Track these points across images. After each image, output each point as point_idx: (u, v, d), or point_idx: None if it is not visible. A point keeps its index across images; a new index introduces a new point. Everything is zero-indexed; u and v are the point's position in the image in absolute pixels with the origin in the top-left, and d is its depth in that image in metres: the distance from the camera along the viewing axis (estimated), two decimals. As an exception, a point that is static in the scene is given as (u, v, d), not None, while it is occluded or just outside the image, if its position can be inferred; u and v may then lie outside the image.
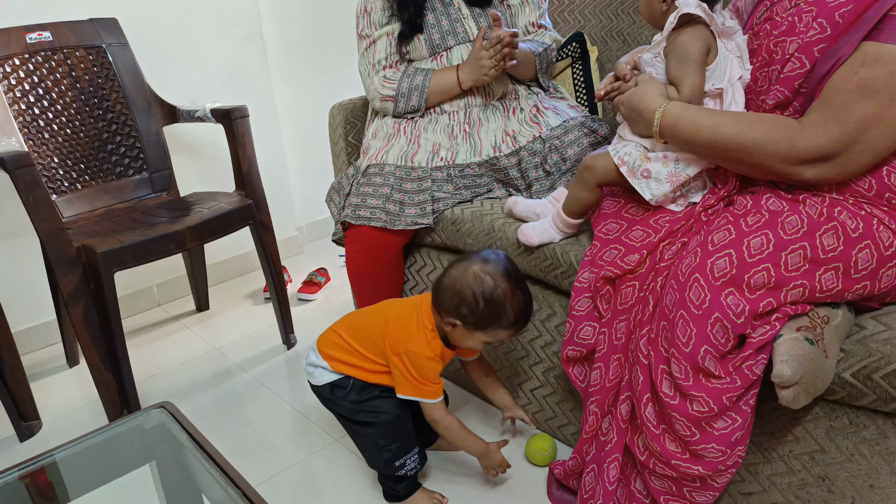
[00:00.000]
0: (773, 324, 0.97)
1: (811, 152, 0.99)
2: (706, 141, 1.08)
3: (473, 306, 1.21)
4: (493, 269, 1.23)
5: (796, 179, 1.04)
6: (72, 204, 1.90)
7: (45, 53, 1.90)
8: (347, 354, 1.34)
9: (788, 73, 1.08)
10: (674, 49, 1.15)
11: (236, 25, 2.43)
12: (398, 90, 1.71)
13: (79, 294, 1.62)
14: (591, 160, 1.28)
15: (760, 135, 1.03)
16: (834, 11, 1.02)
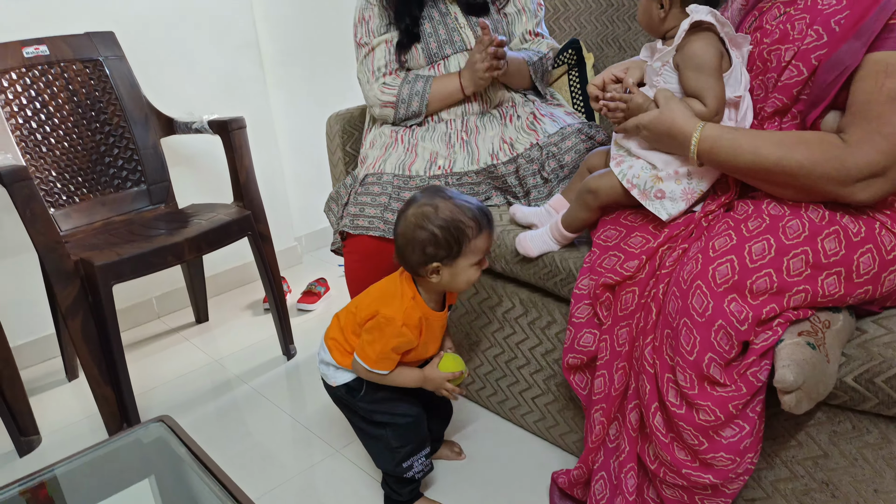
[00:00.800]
0: (775, 329, 0.97)
1: (863, 169, 0.95)
2: (746, 165, 1.04)
3: (436, 240, 1.19)
4: (424, 200, 1.22)
5: (849, 201, 1.00)
6: (69, 217, 1.90)
7: (42, 67, 1.91)
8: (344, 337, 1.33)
9: (786, 81, 1.08)
10: (688, 59, 1.12)
11: (232, 35, 2.43)
12: (399, 96, 1.71)
13: (77, 307, 1.62)
14: (594, 183, 1.26)
15: (805, 157, 0.98)
16: (829, 18, 1.02)
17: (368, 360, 1.25)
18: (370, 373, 1.27)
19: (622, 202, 1.23)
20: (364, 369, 1.27)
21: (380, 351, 1.24)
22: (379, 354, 1.24)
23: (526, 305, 1.52)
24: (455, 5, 1.75)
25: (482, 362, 1.67)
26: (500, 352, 1.61)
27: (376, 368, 1.26)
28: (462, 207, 1.20)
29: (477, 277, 1.26)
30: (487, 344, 1.64)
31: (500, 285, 1.57)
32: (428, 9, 1.73)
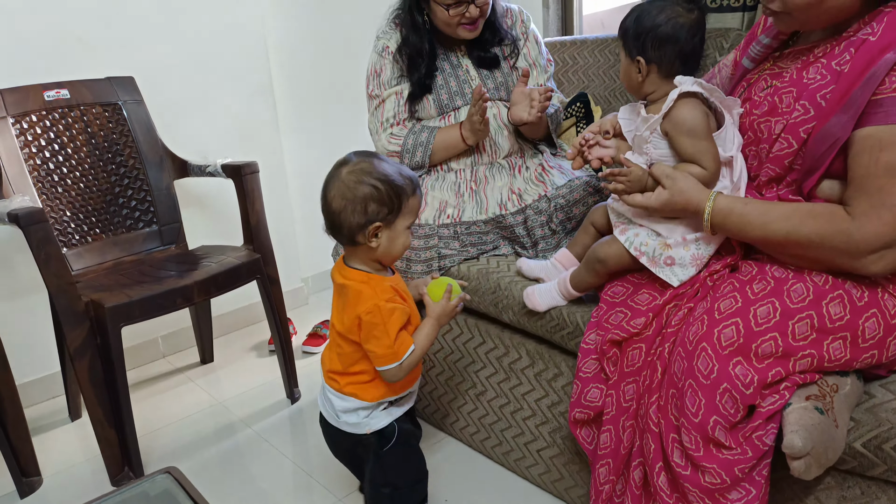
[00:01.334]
0: (781, 393, 0.97)
1: (871, 242, 0.97)
2: (756, 237, 1.07)
3: (379, 195, 1.11)
4: (357, 160, 1.16)
5: (864, 274, 1.01)
6: (81, 257, 1.92)
7: (62, 110, 1.95)
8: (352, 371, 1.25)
9: (778, 153, 1.11)
10: (679, 125, 1.15)
11: (247, 81, 2.49)
12: (403, 146, 1.75)
13: (85, 349, 1.63)
14: (602, 252, 1.26)
15: (814, 231, 1.01)
16: (815, 93, 1.06)
17: (395, 356, 1.15)
18: (403, 366, 1.16)
19: (631, 268, 1.25)
20: (398, 368, 1.16)
21: (393, 339, 1.14)
22: (396, 343, 1.15)
23: (532, 357, 1.52)
24: (466, 58, 1.80)
25: (487, 412, 1.66)
26: (505, 402, 1.61)
27: (404, 355, 1.15)
28: (392, 166, 1.16)
29: (409, 243, 1.20)
30: (493, 394, 1.63)
31: (508, 336, 1.58)
32: (440, 61, 1.78)
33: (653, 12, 1.18)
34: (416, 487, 1.34)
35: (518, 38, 1.82)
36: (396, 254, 1.20)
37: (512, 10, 1.83)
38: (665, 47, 1.19)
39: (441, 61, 1.78)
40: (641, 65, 1.21)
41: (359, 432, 1.27)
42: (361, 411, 1.26)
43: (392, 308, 1.15)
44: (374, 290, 1.17)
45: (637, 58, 1.21)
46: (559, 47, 2.15)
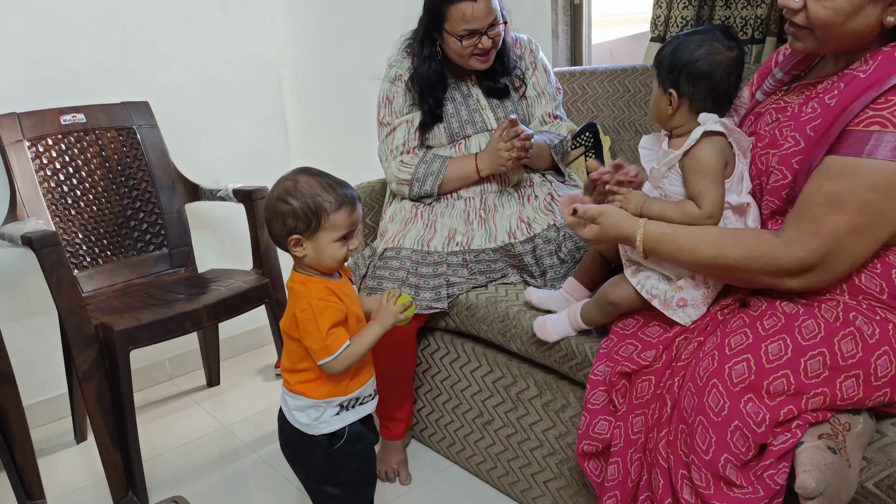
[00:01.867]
0: (794, 431, 0.96)
1: (792, 266, 1.03)
2: (687, 261, 1.13)
3: (294, 212, 1.19)
4: (288, 176, 1.24)
5: (780, 289, 1.08)
6: (92, 279, 1.93)
7: (77, 134, 1.98)
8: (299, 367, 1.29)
9: (774, 185, 1.13)
10: (692, 162, 1.14)
11: (259, 105, 2.52)
12: (413, 175, 1.76)
13: (94, 372, 1.63)
14: (613, 294, 1.26)
15: (740, 255, 1.07)
16: (805, 125, 1.08)
17: (327, 351, 1.20)
18: (338, 360, 1.21)
19: (640, 308, 1.25)
20: (334, 361, 1.21)
21: (324, 334, 1.20)
22: (327, 338, 1.20)
23: (540, 387, 1.51)
24: (477, 87, 1.81)
25: (494, 441, 1.65)
26: (512, 432, 1.60)
27: (337, 349, 1.20)
28: (323, 184, 1.22)
29: (344, 255, 1.25)
30: (500, 423, 1.62)
31: (515, 365, 1.57)
32: (451, 90, 1.80)
33: (691, 46, 1.15)
34: (364, 490, 1.35)
35: (527, 68, 1.84)
36: (328, 263, 1.26)
37: (521, 40, 1.85)
38: (699, 83, 1.15)
39: (452, 90, 1.80)
40: (673, 97, 1.18)
41: (309, 433, 1.30)
42: (311, 410, 1.29)
43: (324, 306, 1.21)
44: (308, 290, 1.24)
45: (669, 90, 1.18)
46: (568, 77, 2.17)
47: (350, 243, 1.26)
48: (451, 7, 1.62)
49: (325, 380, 1.27)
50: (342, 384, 1.29)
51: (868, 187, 0.97)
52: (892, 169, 0.96)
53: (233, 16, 2.40)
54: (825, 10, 1.02)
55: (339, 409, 1.30)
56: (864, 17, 1.02)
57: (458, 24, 1.63)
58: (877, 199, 0.98)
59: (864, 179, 0.98)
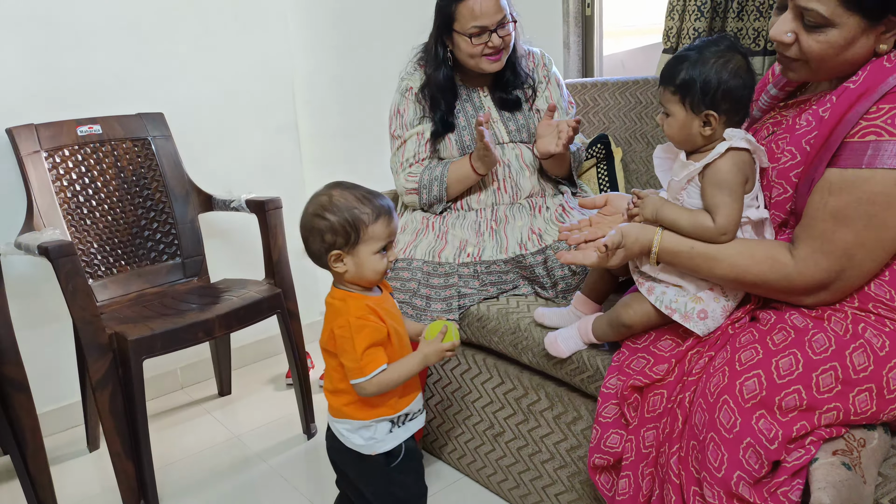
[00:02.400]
0: (807, 448, 0.95)
1: (808, 285, 1.05)
2: (704, 276, 1.14)
3: (332, 227, 1.18)
4: (322, 191, 1.23)
5: (798, 305, 1.10)
6: (106, 288, 1.95)
7: (94, 145, 2.01)
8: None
9: (777, 199, 1.14)
10: (712, 175, 1.12)
11: (273, 117, 2.54)
12: (420, 182, 1.77)
13: (107, 380, 1.64)
14: (626, 317, 1.24)
15: (758, 277, 1.09)
16: (801, 139, 1.08)
17: (361, 372, 1.18)
18: (371, 383, 1.19)
19: (655, 325, 1.23)
20: (367, 383, 1.19)
21: (361, 354, 1.17)
22: (362, 358, 1.18)
23: (552, 399, 1.51)
24: (489, 99, 1.82)
25: (505, 453, 1.65)
26: (523, 444, 1.59)
27: (371, 371, 1.18)
28: (358, 196, 1.21)
29: (385, 267, 1.23)
30: (511, 435, 1.62)
31: (527, 377, 1.57)
32: (462, 102, 1.81)
33: (715, 61, 1.11)
34: (420, 502, 1.34)
35: (540, 81, 1.84)
36: (370, 276, 1.24)
37: (534, 53, 1.86)
38: (737, 100, 1.12)
39: (464, 102, 1.81)
40: (713, 119, 1.12)
41: (366, 453, 1.28)
42: (363, 431, 1.27)
43: (362, 325, 1.19)
44: (348, 307, 1.22)
45: (708, 112, 1.12)
46: (580, 89, 2.18)
47: (390, 254, 1.25)
48: (460, 5, 1.65)
49: (371, 399, 1.25)
50: (390, 402, 1.26)
51: (869, 201, 0.98)
52: (889, 178, 0.97)
53: (247, 28, 2.43)
54: (818, 44, 1.03)
55: (391, 425, 1.28)
56: (857, 48, 1.03)
57: (468, 21, 1.64)
58: (878, 211, 0.98)
59: (865, 193, 0.98)
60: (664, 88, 1.16)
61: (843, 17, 0.99)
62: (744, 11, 1.94)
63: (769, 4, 1.85)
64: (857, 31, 1.00)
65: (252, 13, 2.44)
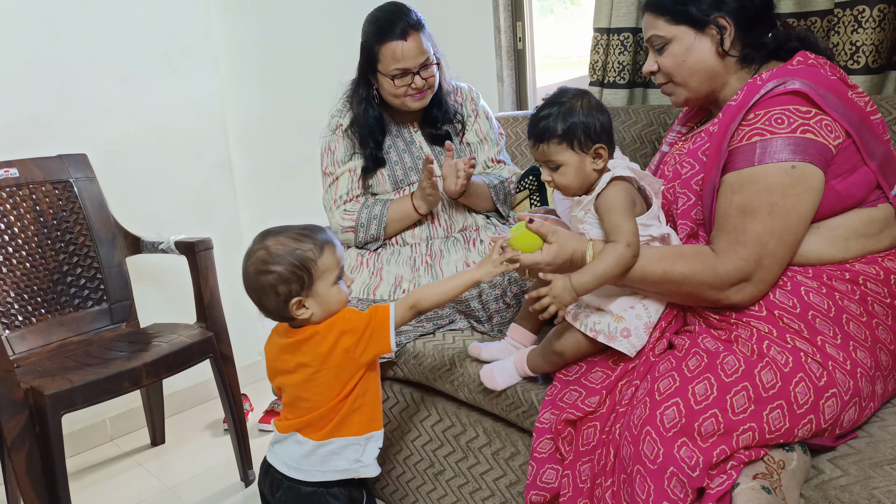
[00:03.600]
0: (729, 472, 0.97)
1: (732, 275, 1.09)
2: (636, 279, 1.15)
3: (283, 278, 1.15)
4: (254, 247, 1.20)
5: (727, 304, 1.13)
6: (24, 339, 1.85)
7: (10, 189, 1.92)
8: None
9: (682, 208, 1.22)
10: (603, 202, 1.18)
11: (204, 155, 2.50)
12: (357, 220, 1.75)
13: (23, 440, 1.55)
14: (557, 345, 1.26)
15: (686, 268, 1.12)
16: (696, 151, 1.21)
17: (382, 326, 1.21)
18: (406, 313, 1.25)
19: (587, 352, 1.25)
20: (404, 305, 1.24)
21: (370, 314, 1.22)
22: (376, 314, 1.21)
23: (490, 435, 1.49)
24: (419, 135, 1.83)
25: (446, 492, 1.62)
26: (464, 482, 1.57)
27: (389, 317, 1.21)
28: (294, 236, 1.19)
29: (346, 294, 1.23)
30: (451, 474, 1.59)
31: (465, 413, 1.55)
32: (393, 137, 1.81)
33: (580, 104, 1.19)
34: None
35: (469, 115, 1.86)
36: (336, 308, 1.23)
37: (462, 89, 1.88)
38: (610, 129, 1.22)
39: (394, 138, 1.82)
40: (603, 154, 1.19)
41: (347, 477, 1.24)
42: (351, 451, 1.23)
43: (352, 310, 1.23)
44: (334, 317, 1.22)
45: (597, 147, 1.19)
46: (513, 121, 2.21)
47: (346, 279, 1.24)
48: (382, 47, 1.65)
49: (367, 410, 1.24)
50: (378, 418, 1.27)
51: (766, 191, 1.08)
52: (780, 170, 1.08)
53: (175, 65, 2.39)
54: (668, 58, 1.24)
55: (378, 451, 1.26)
56: (699, 52, 1.21)
57: (390, 63, 1.66)
58: (778, 199, 1.08)
59: (761, 185, 1.09)
60: (547, 144, 1.20)
61: (674, 31, 1.21)
62: (663, 45, 2.01)
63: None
64: (691, 37, 1.21)
65: (180, 52, 2.40)
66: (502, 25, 2.45)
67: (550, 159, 1.21)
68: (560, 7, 3.20)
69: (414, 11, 1.69)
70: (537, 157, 1.24)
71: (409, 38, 1.64)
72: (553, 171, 1.22)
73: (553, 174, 1.22)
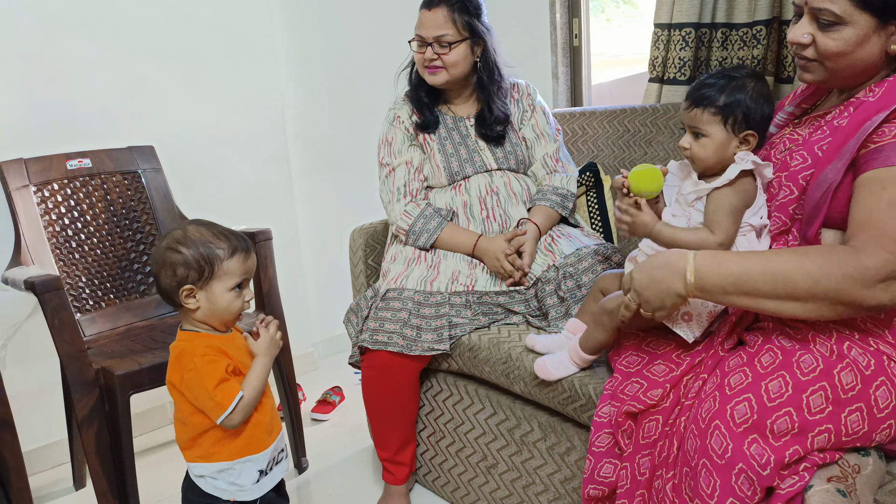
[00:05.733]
0: (801, 474, 0.94)
1: (881, 269, 0.96)
2: (759, 276, 1.01)
3: (185, 261, 1.17)
4: (177, 227, 1.22)
5: (871, 305, 0.98)
6: (94, 322, 1.93)
7: (83, 178, 2.01)
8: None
9: (782, 201, 1.15)
10: (720, 197, 1.16)
11: (263, 149, 2.55)
12: (411, 227, 1.76)
13: (93, 417, 1.61)
14: (610, 304, 1.26)
15: (823, 259, 0.99)
16: (813, 145, 1.13)
17: (220, 408, 1.15)
18: (235, 412, 1.16)
19: (638, 322, 1.23)
20: (231, 415, 1.16)
21: (213, 392, 1.14)
22: (216, 395, 1.14)
23: (545, 429, 1.49)
24: (475, 128, 1.83)
25: (498, 486, 1.62)
26: (517, 476, 1.57)
27: (228, 405, 1.15)
28: (215, 232, 1.21)
29: (240, 307, 1.23)
30: (504, 467, 1.59)
31: (519, 407, 1.55)
32: (449, 129, 1.82)
33: (752, 87, 1.17)
34: None
35: (525, 110, 1.86)
36: (222, 315, 1.23)
37: (519, 85, 1.88)
38: (768, 124, 1.21)
39: (450, 130, 1.83)
40: (751, 138, 1.18)
41: (223, 497, 1.23)
42: (226, 474, 1.22)
43: (207, 360, 1.17)
44: (193, 347, 1.20)
45: (748, 132, 1.17)
46: (569, 118, 2.20)
47: (245, 293, 1.24)
48: (419, 13, 1.73)
49: (235, 434, 1.22)
50: (256, 441, 1.24)
51: None
52: None
53: (238, 63, 2.45)
54: (834, 41, 1.08)
55: (259, 475, 1.25)
56: (870, 46, 1.07)
57: (415, 28, 1.73)
58: None
59: None
60: (702, 110, 1.17)
61: (854, 16, 1.05)
62: (728, 41, 1.97)
63: (752, 35, 1.88)
64: (869, 29, 1.05)
65: (243, 48, 2.46)
66: (558, 22, 2.44)
67: (699, 127, 1.18)
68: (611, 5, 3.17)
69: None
70: (686, 120, 1.20)
71: (434, 9, 1.70)
72: (695, 139, 1.19)
73: (694, 142, 1.19)
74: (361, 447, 2.12)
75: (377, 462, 1.99)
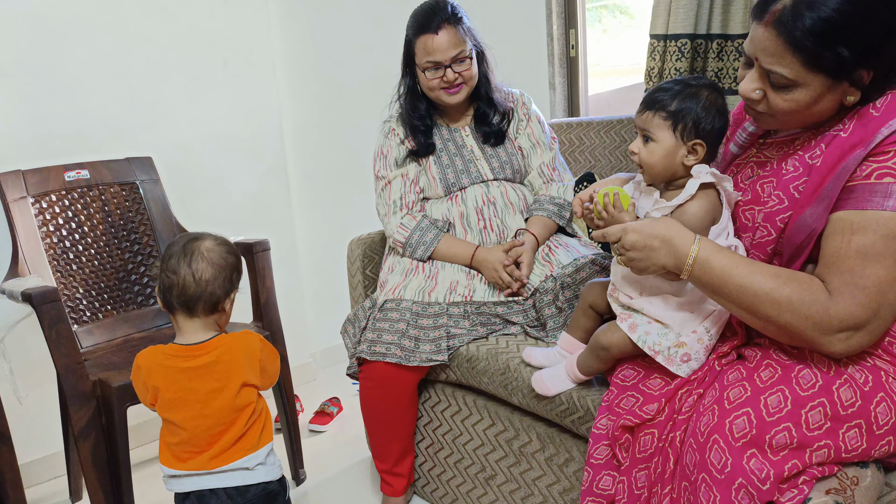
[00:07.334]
0: (800, 487, 0.94)
1: (844, 320, 0.97)
2: (736, 286, 1.02)
3: (239, 264, 1.25)
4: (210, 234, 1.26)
5: (825, 351, 1.00)
6: (91, 334, 1.93)
7: (81, 190, 2.01)
8: None
9: (759, 240, 1.13)
10: (682, 216, 1.15)
11: (262, 159, 2.56)
12: (408, 240, 1.76)
13: (89, 430, 1.61)
14: (605, 340, 1.25)
15: (795, 293, 0.99)
16: (789, 184, 1.09)
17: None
18: None
19: (632, 354, 1.24)
20: None
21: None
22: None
23: (543, 441, 1.49)
24: (471, 138, 1.84)
25: (497, 497, 1.61)
26: (515, 487, 1.56)
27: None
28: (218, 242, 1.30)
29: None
30: (503, 479, 1.59)
31: (517, 418, 1.55)
32: (444, 140, 1.82)
33: (706, 96, 1.16)
34: None
35: (521, 119, 1.86)
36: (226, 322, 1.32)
37: (513, 94, 1.89)
38: (720, 133, 1.18)
39: (446, 141, 1.83)
40: (699, 147, 1.16)
41: (274, 477, 1.29)
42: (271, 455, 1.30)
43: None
44: (249, 337, 1.27)
45: (695, 142, 1.16)
46: (566, 128, 2.21)
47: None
48: (416, 41, 1.70)
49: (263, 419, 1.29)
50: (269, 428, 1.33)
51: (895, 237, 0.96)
52: None
53: (236, 74, 2.46)
54: (786, 102, 1.04)
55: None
56: (825, 103, 1.04)
57: (423, 56, 1.70)
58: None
59: (890, 230, 0.96)
60: (653, 113, 1.17)
61: (807, 78, 1.00)
62: (723, 52, 1.98)
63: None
64: (823, 88, 1.01)
65: (241, 60, 2.47)
66: (555, 33, 2.45)
67: (649, 130, 1.18)
68: (608, 16, 3.19)
69: (452, 5, 1.70)
70: (638, 122, 1.20)
71: (440, 32, 1.66)
72: (644, 144, 1.19)
73: (642, 147, 1.19)
74: (359, 458, 2.12)
75: (375, 474, 1.98)
